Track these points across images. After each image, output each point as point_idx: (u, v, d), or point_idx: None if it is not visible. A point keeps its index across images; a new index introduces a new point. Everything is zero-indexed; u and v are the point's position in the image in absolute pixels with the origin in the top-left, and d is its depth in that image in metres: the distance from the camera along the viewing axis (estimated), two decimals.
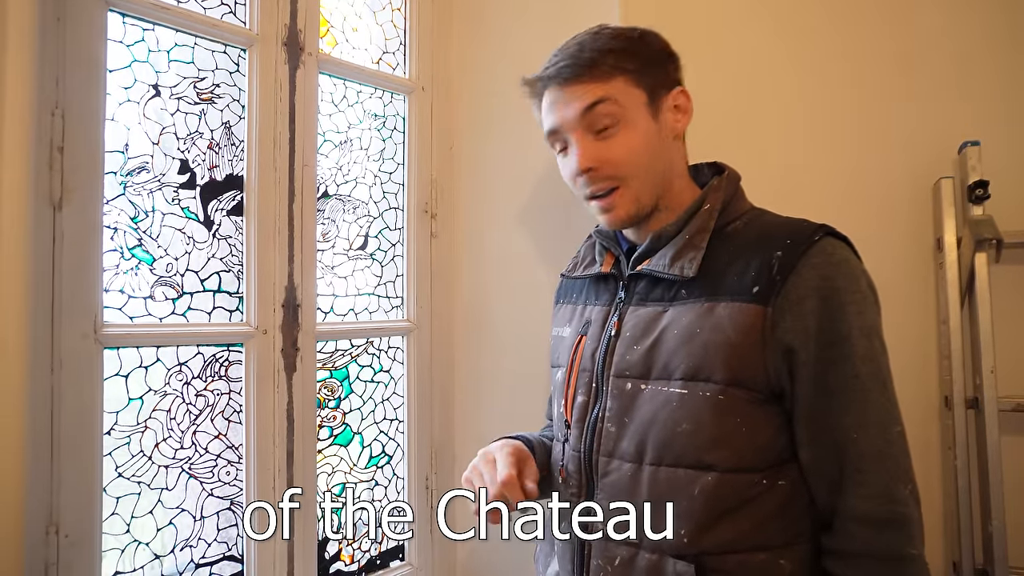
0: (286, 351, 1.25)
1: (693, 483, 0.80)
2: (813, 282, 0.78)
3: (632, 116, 0.87)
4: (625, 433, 0.85)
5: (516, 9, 1.49)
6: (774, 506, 0.80)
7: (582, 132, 0.88)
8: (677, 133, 0.91)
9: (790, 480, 0.81)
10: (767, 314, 0.78)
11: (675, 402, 0.81)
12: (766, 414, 0.80)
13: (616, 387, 0.87)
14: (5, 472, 0.93)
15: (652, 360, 0.84)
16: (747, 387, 0.79)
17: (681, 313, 0.83)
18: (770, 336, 0.78)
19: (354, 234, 1.44)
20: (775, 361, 0.78)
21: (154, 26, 1.14)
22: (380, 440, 1.47)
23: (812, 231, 0.81)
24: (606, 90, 0.86)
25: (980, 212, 1.42)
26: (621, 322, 0.90)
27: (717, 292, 0.82)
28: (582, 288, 1.02)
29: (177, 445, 1.15)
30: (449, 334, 1.56)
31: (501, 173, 1.50)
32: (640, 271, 0.89)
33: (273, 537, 1.21)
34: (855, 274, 0.81)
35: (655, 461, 0.82)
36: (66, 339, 1.00)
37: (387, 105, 1.51)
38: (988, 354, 1.39)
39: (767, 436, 0.80)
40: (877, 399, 0.78)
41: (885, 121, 1.48)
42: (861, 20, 1.49)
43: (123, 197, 1.10)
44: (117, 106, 1.10)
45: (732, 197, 0.90)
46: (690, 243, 0.86)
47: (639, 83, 0.87)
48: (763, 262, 0.80)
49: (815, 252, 0.79)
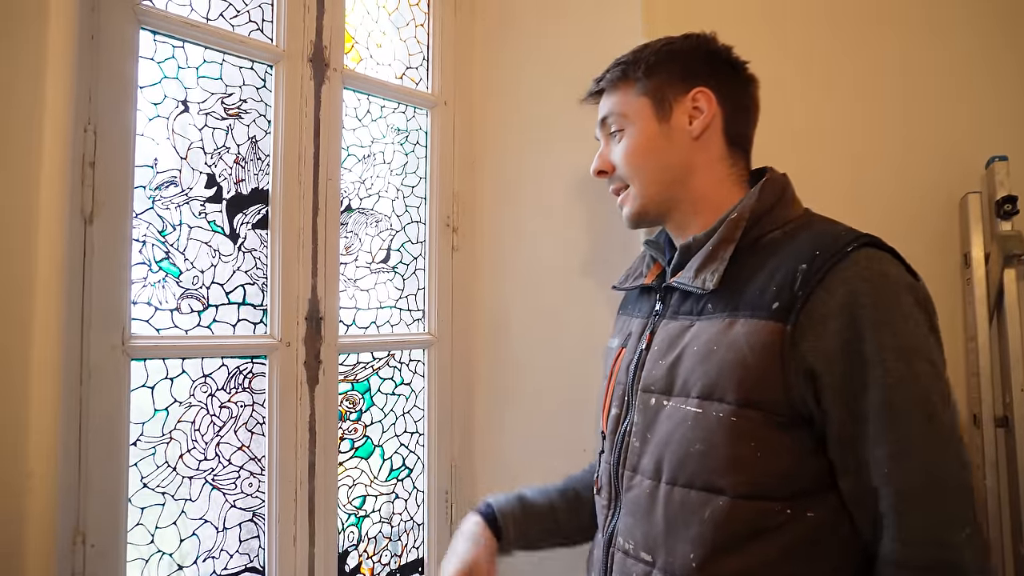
0: (309, 363, 1.26)
1: (704, 506, 0.76)
2: (841, 298, 0.72)
3: (636, 121, 0.93)
4: (647, 449, 0.84)
5: (538, 25, 1.50)
6: (801, 539, 0.74)
7: (604, 139, 0.99)
8: (695, 133, 0.90)
9: (822, 512, 0.75)
10: (786, 332, 0.73)
11: (690, 421, 0.79)
12: (788, 439, 0.75)
13: (642, 401, 0.86)
14: (40, 482, 0.94)
15: (674, 376, 0.83)
16: (763, 409, 0.74)
17: (703, 328, 0.82)
18: (790, 356, 0.73)
19: (376, 247, 1.45)
20: (797, 383, 0.73)
21: (184, 43, 1.17)
22: (400, 453, 1.47)
23: (847, 242, 0.75)
24: (611, 105, 0.96)
25: (1009, 228, 1.40)
26: (653, 335, 0.90)
27: (738, 307, 0.79)
28: (635, 299, 1.03)
29: (201, 456, 1.16)
30: (470, 347, 1.56)
31: (523, 187, 1.51)
32: (672, 283, 0.89)
33: (294, 549, 1.21)
34: (894, 289, 0.74)
35: (671, 480, 0.80)
36: (95, 350, 1.02)
37: (410, 120, 1.52)
38: (1018, 371, 1.36)
39: (788, 463, 0.75)
40: (919, 430, 0.70)
41: (912, 136, 1.47)
42: (890, 36, 1.48)
43: (151, 211, 1.12)
44: (147, 122, 1.12)
45: (773, 205, 0.85)
46: (713, 255, 0.84)
47: (643, 91, 0.92)
48: (786, 276, 0.76)
49: (847, 265, 0.74)
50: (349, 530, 1.37)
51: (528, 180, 1.50)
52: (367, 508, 1.40)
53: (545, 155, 1.45)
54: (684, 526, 0.78)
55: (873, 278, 0.73)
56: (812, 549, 0.74)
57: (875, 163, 1.46)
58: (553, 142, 1.42)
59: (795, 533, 0.74)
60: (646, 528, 0.82)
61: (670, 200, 0.92)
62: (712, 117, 0.90)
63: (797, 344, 0.73)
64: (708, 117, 0.89)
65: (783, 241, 0.82)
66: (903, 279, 0.76)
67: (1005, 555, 1.36)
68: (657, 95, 0.91)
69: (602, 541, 0.91)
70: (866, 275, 0.73)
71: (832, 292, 0.73)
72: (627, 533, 0.85)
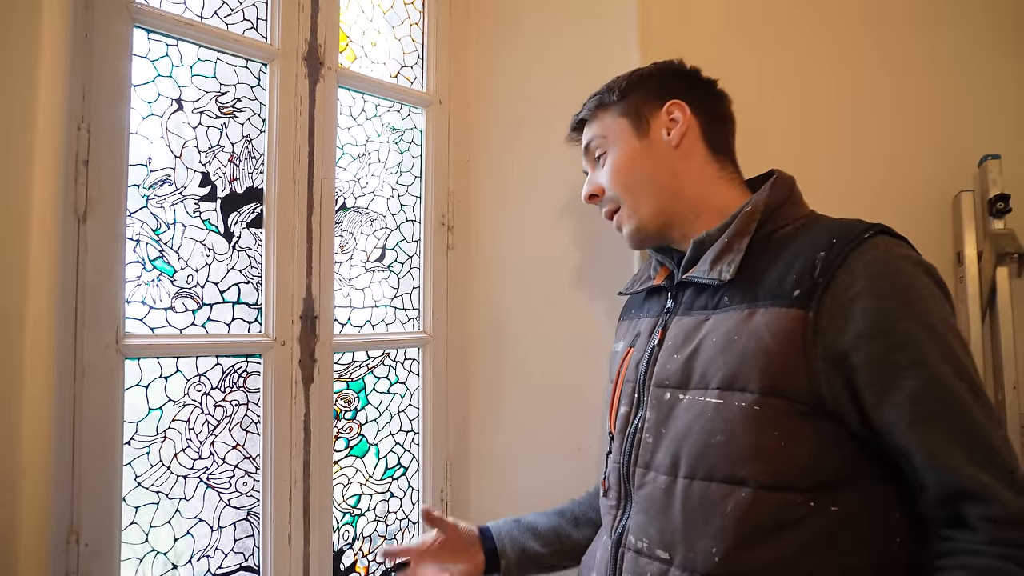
0: (304, 362, 1.26)
1: (726, 499, 0.75)
2: (864, 281, 0.72)
3: (616, 142, 0.98)
4: (661, 444, 0.83)
5: (533, 24, 1.51)
6: (821, 533, 0.73)
7: (590, 166, 1.04)
8: (674, 143, 0.94)
9: (846, 507, 0.73)
10: (808, 319, 0.73)
11: (710, 412, 0.78)
12: (811, 428, 0.74)
13: (655, 397, 0.86)
14: (33, 481, 0.94)
15: (691, 369, 0.82)
16: (786, 397, 0.74)
17: (721, 321, 0.82)
18: (812, 343, 0.73)
19: (371, 246, 1.45)
20: (824, 369, 0.73)
21: (178, 41, 1.16)
22: (396, 452, 1.47)
23: (863, 229, 0.76)
24: (591, 132, 1.02)
25: (1001, 226, 1.41)
26: (665, 331, 0.90)
27: (757, 297, 0.79)
28: (640, 303, 1.04)
29: (195, 455, 1.16)
30: (465, 346, 1.56)
31: (518, 186, 1.51)
32: (685, 279, 0.89)
33: (289, 548, 1.21)
34: (915, 271, 0.74)
35: (689, 474, 0.79)
36: (88, 349, 1.01)
37: (405, 118, 1.52)
38: (1010, 369, 1.37)
39: (810, 453, 0.74)
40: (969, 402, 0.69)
41: (904, 134, 1.47)
42: (882, 34, 1.48)
43: (145, 209, 1.12)
44: (141, 120, 1.12)
45: (784, 201, 0.88)
46: (729, 246, 0.84)
47: (621, 112, 0.98)
48: (805, 263, 0.76)
49: (865, 250, 0.74)
50: (344, 529, 1.36)
51: (523, 179, 1.50)
52: (362, 507, 1.40)
53: (540, 154, 1.45)
54: (704, 521, 0.77)
55: (895, 260, 0.74)
56: (832, 543, 0.73)
57: (868, 162, 1.46)
58: (548, 141, 1.42)
59: (817, 527, 0.73)
60: (662, 525, 0.81)
61: (665, 212, 0.94)
62: (687, 126, 0.94)
63: (821, 330, 0.73)
64: (684, 126, 0.94)
65: (796, 235, 0.83)
66: (921, 262, 0.77)
67: None
68: (634, 113, 0.97)
69: (609, 543, 0.90)
70: (887, 258, 0.74)
71: (855, 275, 0.73)
72: (640, 531, 0.84)
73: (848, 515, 0.74)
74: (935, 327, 0.71)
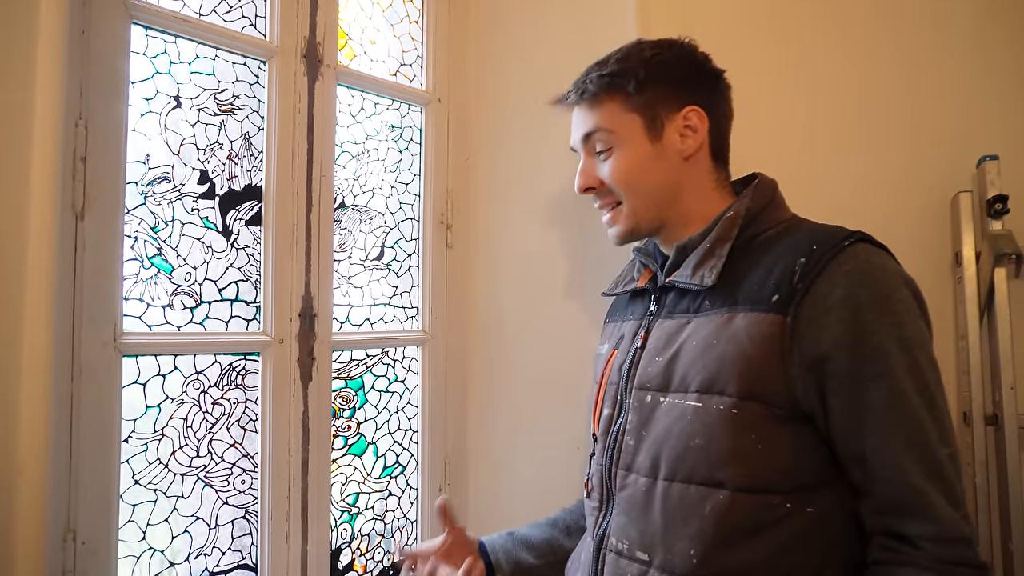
0: (302, 360, 1.26)
1: (704, 501, 0.76)
2: (842, 290, 0.73)
3: (626, 140, 0.91)
4: (642, 447, 0.84)
5: (532, 22, 1.50)
6: (797, 534, 0.74)
7: (587, 153, 0.97)
8: (686, 153, 0.90)
9: (821, 508, 0.75)
10: (786, 324, 0.74)
11: (689, 415, 0.79)
12: (788, 432, 0.75)
13: (637, 399, 0.86)
14: (30, 478, 0.94)
15: (671, 372, 0.83)
16: (764, 401, 0.75)
17: (702, 324, 0.82)
18: (790, 348, 0.74)
19: (370, 244, 1.45)
20: (800, 375, 0.74)
21: (176, 38, 1.16)
22: (394, 450, 1.47)
23: (843, 236, 0.77)
24: (597, 121, 0.93)
25: (999, 227, 1.41)
26: (648, 334, 0.90)
27: (737, 302, 0.80)
28: (624, 306, 1.04)
29: (193, 453, 1.16)
30: (464, 344, 1.56)
31: (517, 184, 1.51)
32: (668, 283, 0.89)
33: (287, 546, 1.21)
34: (893, 283, 0.75)
35: (668, 476, 0.80)
36: (86, 347, 1.01)
37: (404, 117, 1.52)
38: (1008, 370, 1.38)
39: (788, 456, 0.75)
40: (925, 418, 0.72)
41: (903, 135, 1.48)
42: (881, 35, 1.48)
43: (143, 207, 1.12)
44: (139, 117, 1.11)
45: (765, 206, 0.87)
46: (711, 251, 0.85)
47: (634, 107, 0.91)
48: (785, 269, 0.77)
49: (845, 258, 0.75)
50: (342, 527, 1.36)
51: (522, 177, 1.49)
52: (360, 505, 1.40)
53: (539, 152, 1.45)
54: (683, 523, 0.78)
55: (873, 271, 0.75)
56: (808, 543, 0.75)
57: (867, 162, 1.46)
58: (546, 139, 1.42)
59: (794, 528, 0.74)
60: (642, 526, 0.82)
61: (660, 218, 0.93)
62: (703, 139, 0.91)
63: (798, 336, 0.74)
64: (700, 138, 0.91)
65: (777, 239, 0.83)
66: (900, 273, 0.78)
67: (994, 551, 1.38)
68: (648, 112, 0.90)
69: (592, 544, 0.90)
70: (866, 268, 0.75)
71: (834, 284, 0.74)
72: (620, 533, 0.85)
73: (823, 516, 0.75)
74: (905, 339, 0.73)
